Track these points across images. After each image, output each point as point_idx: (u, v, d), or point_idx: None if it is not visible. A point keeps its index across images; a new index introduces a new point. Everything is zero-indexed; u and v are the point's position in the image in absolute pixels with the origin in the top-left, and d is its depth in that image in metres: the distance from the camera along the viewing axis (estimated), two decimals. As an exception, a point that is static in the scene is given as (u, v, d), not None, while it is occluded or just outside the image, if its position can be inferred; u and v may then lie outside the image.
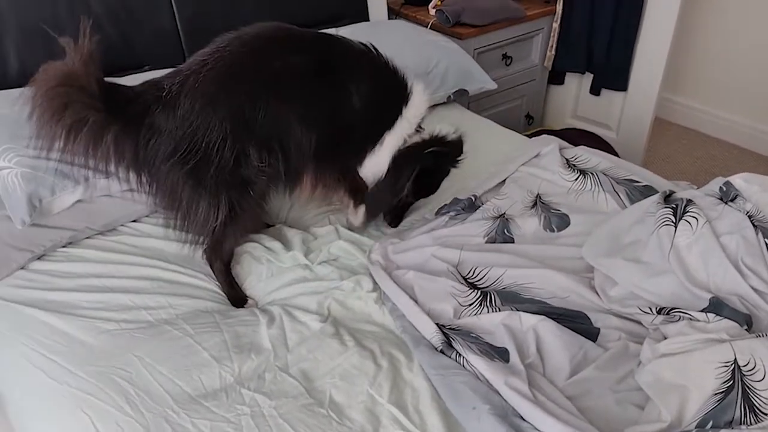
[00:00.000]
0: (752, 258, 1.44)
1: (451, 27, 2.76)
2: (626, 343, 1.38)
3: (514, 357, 1.32)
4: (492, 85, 2.55)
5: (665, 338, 1.35)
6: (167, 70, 1.56)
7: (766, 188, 1.59)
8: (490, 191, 1.94)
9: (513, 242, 1.73)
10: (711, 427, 1.15)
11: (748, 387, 1.17)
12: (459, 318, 1.47)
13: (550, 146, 2.07)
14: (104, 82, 1.41)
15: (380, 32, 2.33)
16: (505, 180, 1.98)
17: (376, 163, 1.71)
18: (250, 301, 1.61)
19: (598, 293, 1.52)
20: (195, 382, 1.32)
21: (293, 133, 1.53)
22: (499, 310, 1.47)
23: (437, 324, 1.41)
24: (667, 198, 1.64)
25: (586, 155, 2.03)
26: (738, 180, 1.62)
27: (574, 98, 3.38)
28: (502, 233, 1.74)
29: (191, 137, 1.42)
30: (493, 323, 1.43)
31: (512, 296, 1.52)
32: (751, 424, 1.15)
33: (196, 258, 1.64)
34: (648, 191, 1.82)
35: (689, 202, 1.56)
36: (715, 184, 1.65)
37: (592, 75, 3.22)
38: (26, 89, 1.38)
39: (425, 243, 1.70)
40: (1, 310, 1.50)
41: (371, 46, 1.68)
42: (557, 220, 1.78)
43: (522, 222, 1.77)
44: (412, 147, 1.70)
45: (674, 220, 1.53)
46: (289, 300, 1.57)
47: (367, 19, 2.74)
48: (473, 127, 1.83)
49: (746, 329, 1.32)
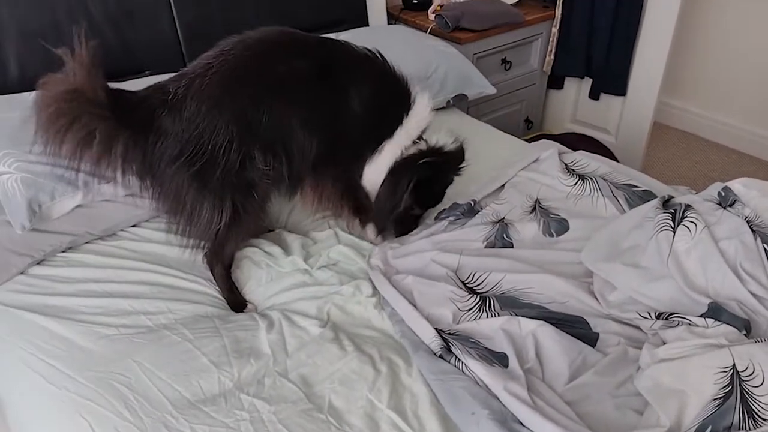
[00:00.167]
0: (751, 263, 1.44)
1: (451, 32, 2.77)
2: (625, 348, 1.38)
3: (513, 362, 1.32)
4: (491, 90, 2.56)
5: (664, 343, 1.35)
6: (168, 75, 1.57)
7: (764, 193, 1.59)
8: (490, 196, 1.94)
9: (512, 247, 1.73)
10: (710, 432, 1.15)
11: (746, 392, 1.17)
12: (458, 323, 1.47)
13: (549, 151, 2.07)
14: (110, 89, 1.41)
15: (380, 37, 2.34)
16: (504, 185, 1.98)
17: (374, 171, 1.71)
18: (249, 306, 1.61)
19: (597, 298, 1.52)
20: (194, 387, 1.32)
21: (296, 137, 1.54)
22: (498, 315, 1.47)
23: (436, 329, 1.41)
24: (666, 203, 1.65)
25: (585, 160, 2.03)
26: (736, 185, 1.62)
27: (573, 103, 3.38)
28: (501, 238, 1.74)
29: (197, 139, 1.43)
30: (492, 328, 1.43)
31: (511, 301, 1.52)
32: (749, 429, 1.14)
33: (196, 263, 1.64)
34: (647, 196, 1.82)
35: (688, 207, 1.56)
36: (714, 189, 1.65)
37: (591, 79, 3.22)
38: (31, 108, 1.38)
39: (424, 248, 1.70)
40: (1, 315, 1.50)
41: (377, 52, 1.68)
42: (556, 225, 1.78)
43: (521, 227, 1.77)
44: (407, 158, 1.70)
45: (673, 225, 1.53)
46: (289, 305, 1.57)
47: (367, 24, 2.75)
48: (472, 131, 1.83)
49: (745, 334, 1.32)
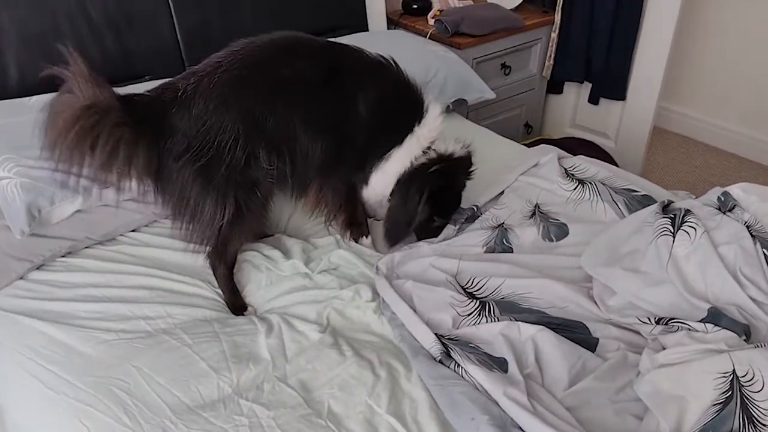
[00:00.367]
0: (750, 268, 1.44)
1: (450, 37, 2.77)
2: (625, 353, 1.38)
3: (512, 367, 1.32)
4: (491, 95, 2.56)
5: (664, 348, 1.34)
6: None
7: (764, 198, 1.59)
8: (489, 201, 1.94)
9: (512, 252, 1.73)
10: (710, 437, 1.15)
11: (746, 398, 1.17)
12: (458, 328, 1.47)
13: (548, 156, 2.07)
14: (121, 97, 1.42)
15: (379, 42, 2.34)
16: (503, 189, 1.98)
17: (381, 179, 1.70)
18: (249, 309, 1.61)
19: (596, 303, 1.52)
20: (193, 392, 1.31)
21: (300, 139, 1.55)
22: (498, 320, 1.46)
23: (436, 334, 1.41)
24: (666, 208, 1.65)
25: (584, 164, 2.03)
26: (736, 190, 1.62)
27: (572, 107, 3.39)
28: (501, 243, 1.74)
29: (204, 136, 1.44)
30: (491, 333, 1.43)
31: (511, 306, 1.52)
32: (749, 434, 1.14)
33: (196, 266, 1.65)
34: (646, 201, 1.82)
35: (687, 212, 1.56)
36: (713, 194, 1.65)
37: (590, 84, 3.23)
38: (47, 134, 1.38)
39: (425, 253, 1.70)
40: (0, 320, 1.50)
41: (391, 59, 1.68)
42: (556, 230, 1.78)
43: (521, 232, 1.77)
44: (417, 168, 1.70)
45: (672, 230, 1.53)
46: (288, 308, 1.57)
47: (367, 29, 2.76)
48: (472, 136, 1.83)
49: (745, 339, 1.32)
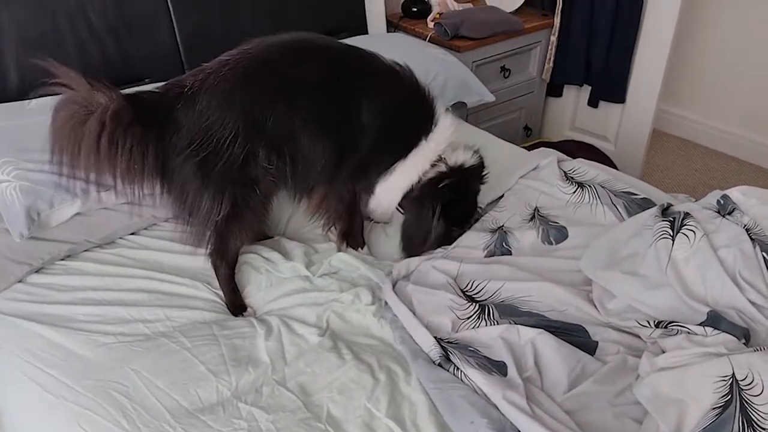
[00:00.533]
0: (750, 271, 1.44)
1: (450, 40, 2.77)
2: (624, 356, 1.38)
3: (512, 371, 1.32)
4: (490, 98, 2.56)
5: (663, 352, 1.34)
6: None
7: (763, 201, 1.59)
8: (489, 203, 1.94)
9: (510, 255, 1.73)
10: (709, 441, 1.15)
11: (746, 401, 1.17)
12: (457, 331, 1.47)
13: (548, 159, 2.07)
14: (129, 96, 1.44)
15: (379, 45, 2.32)
16: (503, 193, 1.98)
17: (386, 191, 1.69)
18: (249, 310, 1.61)
19: (596, 306, 1.52)
20: (192, 396, 1.31)
21: (299, 140, 1.54)
22: (497, 324, 1.46)
23: (435, 337, 1.41)
24: (665, 211, 1.64)
25: (584, 167, 2.03)
26: (735, 193, 1.62)
27: (572, 110, 3.39)
28: (501, 246, 1.74)
29: (206, 131, 1.45)
30: (491, 337, 1.42)
31: (510, 309, 1.52)
32: (749, 438, 1.14)
33: (195, 268, 1.65)
34: (646, 204, 1.82)
35: (687, 215, 1.56)
36: (713, 197, 1.65)
37: (590, 87, 3.23)
38: (63, 145, 1.40)
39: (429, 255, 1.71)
40: (-1, 324, 1.50)
41: (406, 67, 1.66)
42: (555, 233, 1.78)
43: (520, 235, 1.77)
44: (428, 183, 1.67)
45: (672, 233, 1.53)
46: (288, 310, 1.57)
47: (366, 32, 2.76)
48: (471, 139, 1.83)
49: (744, 343, 1.31)
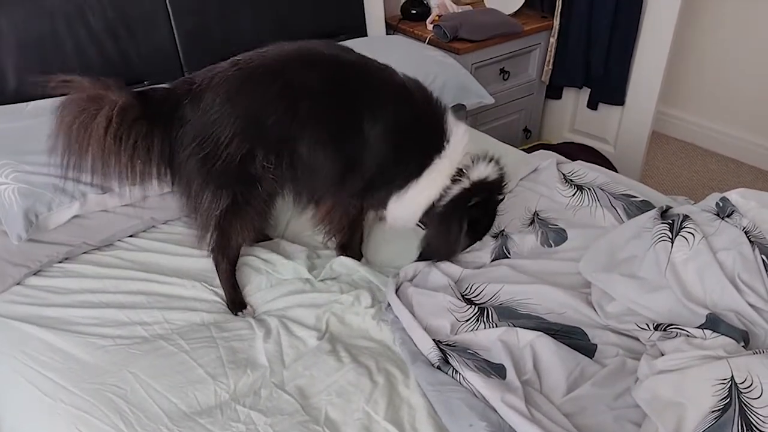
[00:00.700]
0: (749, 274, 1.44)
1: (449, 42, 2.77)
2: (623, 359, 1.38)
3: (510, 374, 1.31)
4: (489, 100, 2.56)
5: (662, 354, 1.34)
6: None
7: (762, 204, 1.59)
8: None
9: (509, 258, 1.73)
10: (708, 444, 1.14)
11: (745, 404, 1.17)
12: (456, 334, 1.47)
13: (547, 161, 2.07)
14: (137, 93, 1.46)
15: (378, 47, 2.34)
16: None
17: (402, 208, 1.66)
18: (248, 308, 1.60)
19: (595, 309, 1.52)
20: (190, 399, 1.31)
21: (299, 146, 1.53)
22: (496, 326, 1.46)
23: (434, 340, 1.41)
24: (664, 213, 1.65)
25: (583, 170, 2.03)
26: (734, 195, 1.62)
27: (571, 112, 3.38)
28: (501, 249, 1.74)
29: (209, 128, 1.46)
30: (489, 339, 1.42)
31: (509, 312, 1.52)
32: (748, 441, 1.14)
33: (193, 269, 1.65)
34: (645, 206, 1.82)
35: (686, 217, 1.56)
36: (712, 200, 1.66)
37: (589, 89, 3.22)
38: (75, 141, 1.42)
39: None
40: (-3, 326, 1.49)
41: (417, 82, 1.64)
42: (554, 235, 1.78)
43: (519, 239, 1.78)
44: (454, 201, 1.63)
45: (671, 236, 1.53)
46: (287, 311, 1.56)
47: (366, 35, 2.76)
48: (471, 141, 1.82)
49: (743, 346, 1.32)
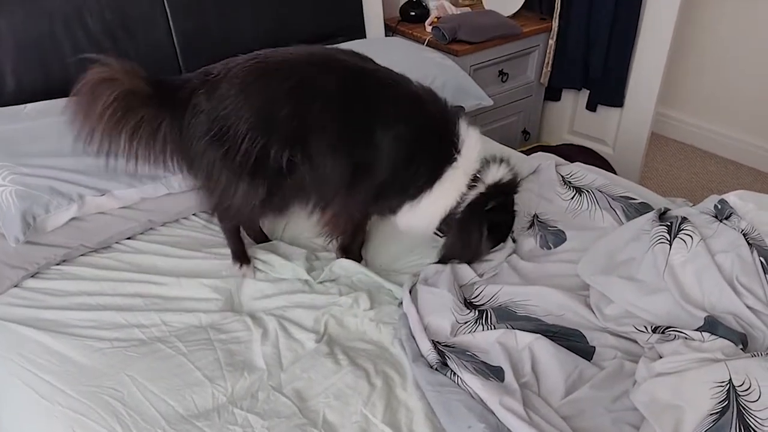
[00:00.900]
0: (747, 277, 1.44)
1: (448, 44, 2.77)
2: (622, 362, 1.38)
3: (509, 376, 1.31)
4: (488, 102, 2.56)
5: (660, 357, 1.34)
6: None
7: (761, 206, 1.59)
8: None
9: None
10: (706, 447, 1.14)
11: (743, 407, 1.16)
12: (455, 336, 1.47)
13: (545, 163, 2.07)
14: (150, 79, 1.49)
15: (377, 49, 2.33)
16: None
17: (418, 217, 1.66)
18: (250, 266, 1.67)
19: (593, 311, 1.52)
20: (187, 402, 1.31)
21: (310, 146, 1.53)
22: (494, 328, 1.46)
23: (433, 341, 1.41)
24: (662, 215, 1.64)
25: (581, 172, 2.03)
26: (732, 198, 1.62)
27: (570, 114, 3.38)
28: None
29: (224, 120, 1.47)
30: (488, 342, 1.42)
31: (507, 314, 1.52)
32: (746, 445, 1.14)
33: (192, 270, 1.65)
34: (644, 208, 1.82)
35: (684, 219, 1.56)
36: (710, 202, 1.65)
37: (588, 91, 3.22)
38: (72, 109, 1.47)
39: None
40: (-6, 329, 1.49)
41: (431, 92, 1.65)
42: (553, 238, 1.78)
43: (519, 241, 1.78)
44: (472, 206, 1.64)
45: (669, 238, 1.52)
46: (286, 311, 1.56)
47: (364, 36, 2.76)
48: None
49: (741, 348, 1.31)
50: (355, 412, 1.28)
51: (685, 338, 1.34)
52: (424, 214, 1.66)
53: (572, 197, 1.91)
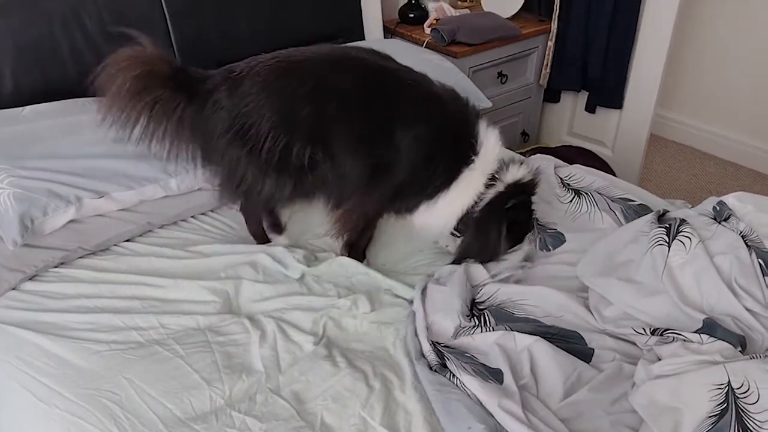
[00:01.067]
0: (746, 278, 1.43)
1: (447, 46, 2.77)
2: (620, 364, 1.37)
3: (508, 378, 1.31)
4: (487, 104, 2.56)
5: (659, 359, 1.34)
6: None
7: (759, 208, 1.59)
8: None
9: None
10: (705, 450, 1.14)
11: (741, 410, 1.16)
12: (456, 338, 1.46)
13: (544, 165, 2.06)
14: (174, 64, 1.56)
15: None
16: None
17: (434, 217, 1.67)
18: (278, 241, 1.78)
19: (592, 313, 1.51)
20: (185, 404, 1.30)
21: (330, 143, 1.55)
22: (493, 330, 1.46)
23: (433, 342, 1.40)
24: (661, 217, 1.64)
25: (580, 174, 2.02)
26: (731, 199, 1.62)
27: (569, 116, 3.38)
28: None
29: (245, 118, 1.49)
30: (486, 343, 1.42)
31: (506, 316, 1.51)
32: (745, 447, 1.13)
33: (189, 272, 1.65)
34: (643, 210, 1.81)
35: (683, 221, 1.56)
36: (709, 204, 1.65)
37: (587, 93, 3.23)
38: (104, 77, 1.53)
39: None
40: (-8, 331, 1.49)
41: (452, 92, 1.65)
42: (552, 240, 1.78)
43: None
44: (490, 206, 1.64)
45: (668, 240, 1.52)
46: (284, 313, 1.55)
47: (363, 38, 2.76)
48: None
49: (740, 351, 1.31)
50: (353, 415, 1.28)
51: (684, 340, 1.34)
52: (441, 214, 1.66)
53: (571, 200, 1.91)
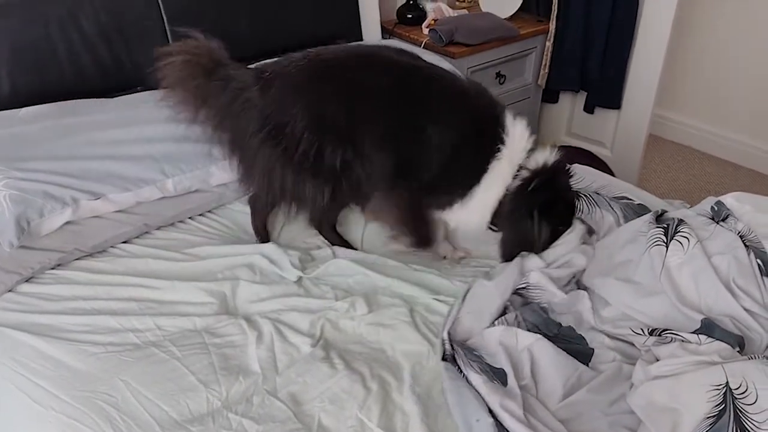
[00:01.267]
0: (744, 279, 1.43)
1: (445, 46, 2.77)
2: (620, 364, 1.37)
3: (511, 380, 1.31)
4: (486, 104, 2.56)
5: (657, 360, 1.34)
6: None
7: (758, 208, 1.58)
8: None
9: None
10: (703, 451, 1.14)
11: (739, 410, 1.16)
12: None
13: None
14: (216, 56, 1.60)
15: (373, 52, 2.34)
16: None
17: (469, 213, 1.67)
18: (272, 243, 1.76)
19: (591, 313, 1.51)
20: (181, 407, 1.30)
21: (360, 143, 1.56)
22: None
23: (448, 333, 1.40)
24: (659, 217, 1.64)
25: (579, 174, 2.02)
26: (729, 199, 1.61)
27: (568, 116, 3.38)
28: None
29: (276, 118, 1.52)
30: (490, 340, 1.41)
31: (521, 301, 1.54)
32: (743, 448, 1.13)
33: (187, 273, 1.65)
34: (641, 210, 1.81)
35: (681, 221, 1.56)
36: (707, 204, 1.65)
37: (585, 93, 3.22)
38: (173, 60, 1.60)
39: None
40: (-12, 333, 1.48)
41: (478, 86, 1.67)
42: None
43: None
44: (516, 194, 1.64)
45: (666, 240, 1.52)
46: (281, 315, 1.55)
47: (361, 39, 2.76)
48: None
49: (738, 351, 1.31)
50: (350, 417, 1.28)
51: (682, 341, 1.34)
52: (475, 209, 1.67)
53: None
